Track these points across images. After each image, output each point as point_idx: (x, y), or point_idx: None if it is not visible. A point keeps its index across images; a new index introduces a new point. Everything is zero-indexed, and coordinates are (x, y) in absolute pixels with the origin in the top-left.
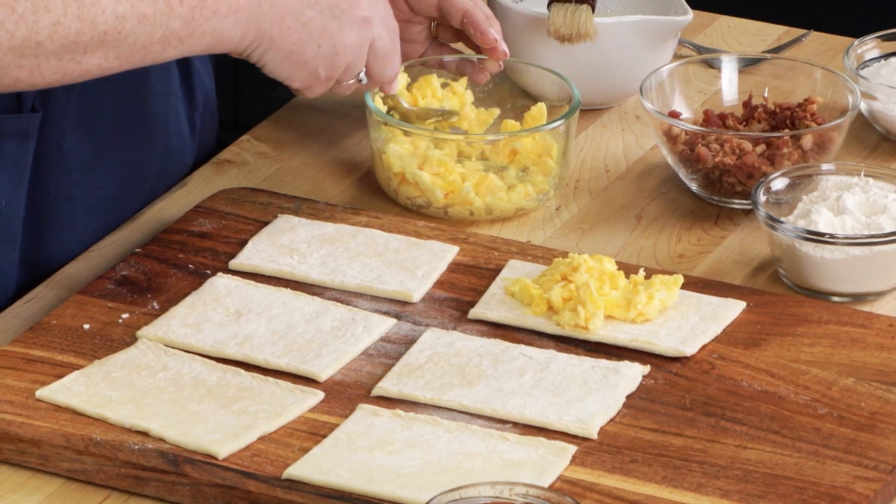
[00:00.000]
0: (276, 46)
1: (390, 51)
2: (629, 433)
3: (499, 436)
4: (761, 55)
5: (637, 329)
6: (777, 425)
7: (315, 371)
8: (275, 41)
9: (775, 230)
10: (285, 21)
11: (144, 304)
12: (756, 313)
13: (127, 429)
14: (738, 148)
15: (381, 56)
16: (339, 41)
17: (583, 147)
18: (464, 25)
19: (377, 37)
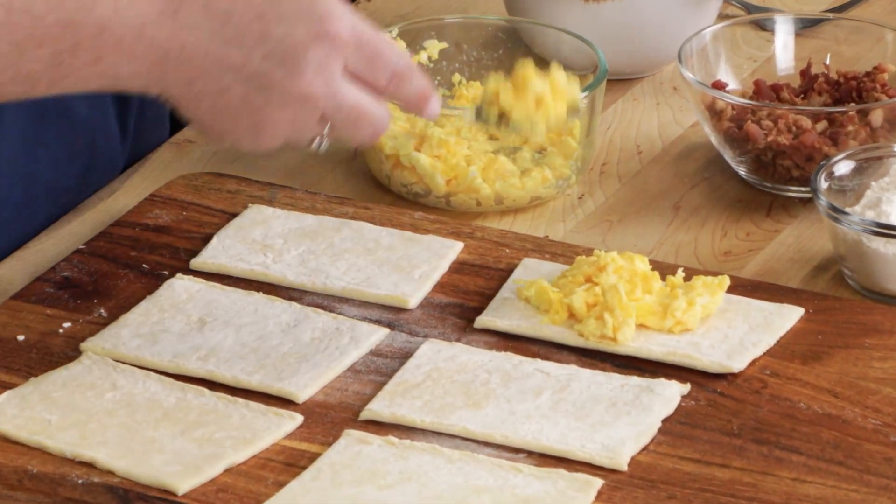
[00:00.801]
0: (185, 108)
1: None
2: (666, 464)
3: (510, 467)
4: (822, 15)
5: (675, 341)
6: (841, 455)
7: (292, 390)
8: (182, 102)
9: (839, 223)
10: (194, 85)
11: (90, 311)
12: (816, 321)
13: (69, 459)
14: (795, 125)
15: (345, 125)
16: (263, 118)
17: (610, 124)
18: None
19: (332, 111)
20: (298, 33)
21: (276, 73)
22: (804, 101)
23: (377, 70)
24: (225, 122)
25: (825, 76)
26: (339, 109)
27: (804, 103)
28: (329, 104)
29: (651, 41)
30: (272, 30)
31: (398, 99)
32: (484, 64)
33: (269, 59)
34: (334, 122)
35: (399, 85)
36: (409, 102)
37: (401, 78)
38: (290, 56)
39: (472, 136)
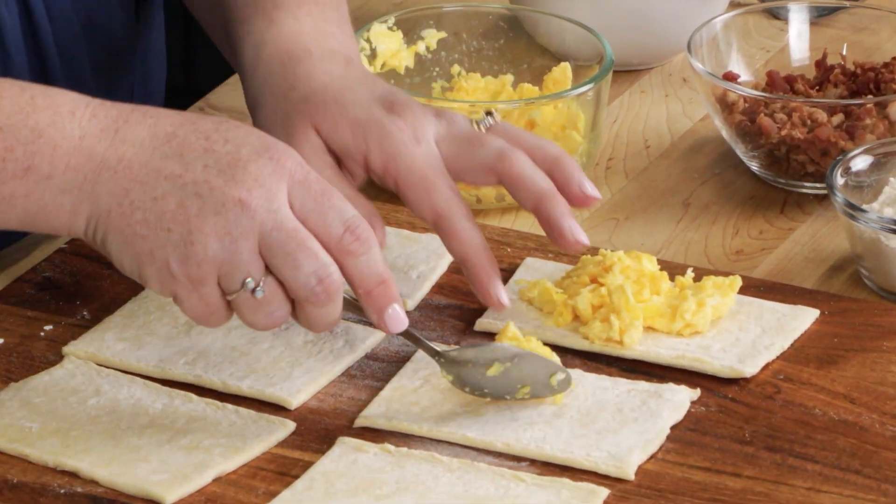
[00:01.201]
0: (115, 226)
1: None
2: (675, 473)
3: (512, 476)
4: (839, 3)
5: (684, 344)
6: (858, 463)
7: (284, 396)
8: (113, 219)
9: (856, 221)
10: (130, 194)
11: (72, 314)
12: (832, 324)
13: (51, 468)
14: (810, 118)
15: (285, 254)
16: (197, 227)
17: (617, 117)
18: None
19: (270, 229)
20: (243, 152)
21: (214, 181)
22: (819, 93)
23: (327, 214)
24: (157, 234)
25: (841, 67)
26: (277, 229)
27: (819, 95)
28: (267, 220)
29: (659, 30)
30: (217, 147)
31: (347, 271)
32: (484, 55)
33: (209, 170)
34: (271, 247)
35: (356, 245)
36: (364, 282)
37: (358, 238)
38: (230, 167)
39: None
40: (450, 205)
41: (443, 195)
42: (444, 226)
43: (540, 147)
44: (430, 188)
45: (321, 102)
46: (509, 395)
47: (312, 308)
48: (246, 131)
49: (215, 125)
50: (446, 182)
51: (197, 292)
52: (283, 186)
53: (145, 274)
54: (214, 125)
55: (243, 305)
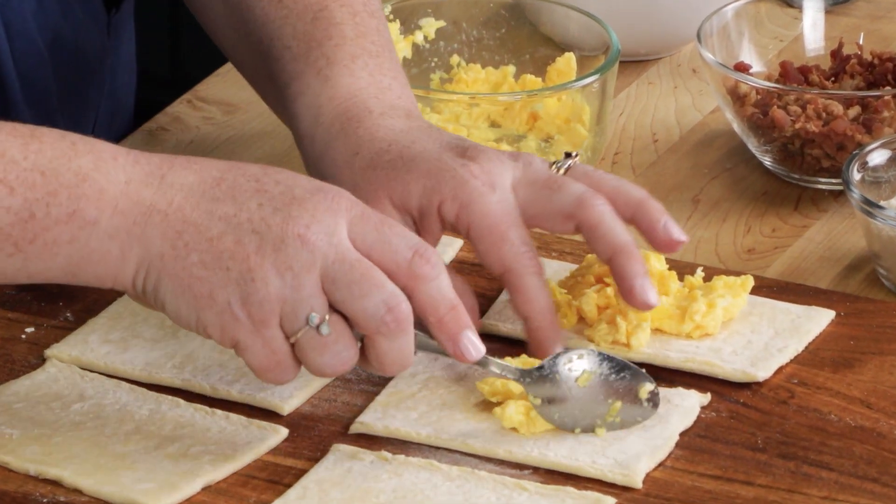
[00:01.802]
0: (170, 270)
1: (368, 276)
2: (684, 481)
3: (514, 484)
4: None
5: (694, 346)
6: (875, 471)
7: (276, 401)
8: (167, 262)
9: (873, 218)
10: (183, 235)
11: (55, 315)
12: (849, 325)
13: (32, 476)
14: (825, 111)
15: (345, 287)
16: (256, 264)
17: (623, 110)
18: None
19: (334, 264)
20: (297, 191)
21: (271, 219)
22: (835, 84)
23: (392, 240)
24: (215, 274)
25: (858, 57)
26: (341, 262)
27: (835, 87)
28: (329, 253)
29: (668, 19)
30: (269, 187)
31: (418, 298)
32: (485, 44)
33: (264, 208)
34: (336, 280)
35: (427, 269)
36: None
37: (428, 262)
38: (286, 205)
39: (471, 123)
40: (519, 259)
41: (513, 248)
42: (511, 280)
43: (623, 191)
44: (500, 240)
45: (388, 164)
46: (600, 420)
47: (383, 341)
48: (295, 174)
49: (263, 169)
50: (518, 234)
51: (260, 336)
52: (342, 221)
53: (205, 319)
54: (262, 169)
55: (308, 346)
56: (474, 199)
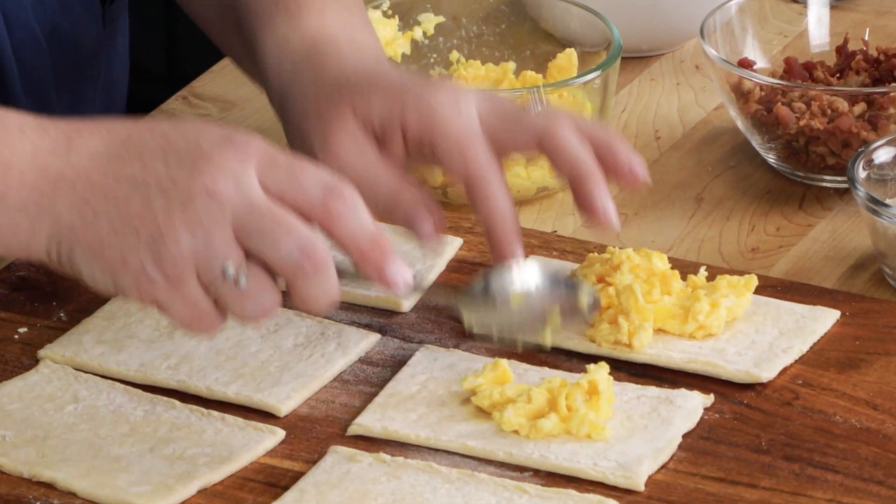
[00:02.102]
0: (81, 239)
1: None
2: (687, 484)
3: (515, 487)
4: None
5: (697, 347)
6: (881, 473)
7: (273, 403)
8: (77, 232)
9: (879, 216)
10: (91, 203)
11: (48, 315)
12: (854, 325)
13: (26, 479)
14: (830, 108)
15: (258, 236)
16: (165, 223)
17: (625, 106)
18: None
19: (244, 214)
20: (204, 142)
21: (178, 175)
22: (840, 80)
23: (304, 182)
24: (126, 238)
25: (864, 53)
26: (251, 211)
27: (840, 83)
28: (239, 204)
29: (671, 14)
30: (175, 143)
31: (337, 236)
32: (485, 40)
33: (171, 165)
34: (248, 230)
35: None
36: (358, 245)
37: (340, 197)
38: (193, 159)
39: None
40: (485, 167)
41: (479, 156)
42: (473, 186)
43: (590, 125)
44: (465, 149)
45: (354, 83)
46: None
47: (304, 284)
48: (203, 126)
49: (172, 125)
50: (483, 146)
51: (179, 293)
52: (251, 170)
53: (121, 283)
54: (171, 125)
55: (228, 298)
56: (439, 115)
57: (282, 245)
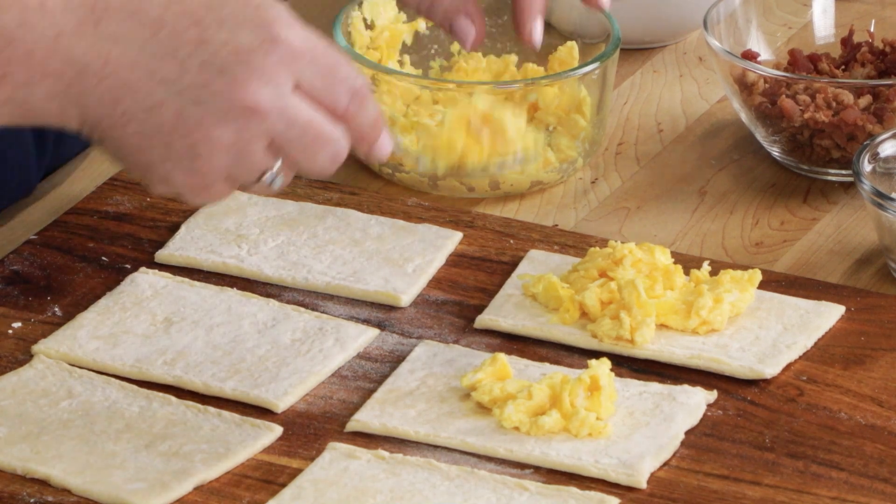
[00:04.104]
0: (110, 135)
1: (316, 136)
2: (690, 481)
3: (515, 484)
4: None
5: (700, 343)
6: (887, 471)
7: (271, 399)
8: (105, 129)
9: (885, 210)
10: (120, 104)
11: (42, 310)
12: (859, 321)
13: (19, 475)
14: (835, 100)
15: (299, 148)
16: (200, 138)
17: (627, 99)
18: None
19: (282, 129)
20: (242, 38)
21: (216, 84)
22: (845, 73)
23: (335, 88)
24: (155, 147)
25: (869, 45)
26: (290, 127)
27: (845, 76)
28: (278, 121)
29: (673, 5)
30: (211, 35)
31: (353, 126)
32: (487, 31)
33: (208, 69)
34: (286, 145)
35: (359, 108)
36: (362, 132)
37: (361, 100)
38: (231, 63)
39: None
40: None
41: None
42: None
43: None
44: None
45: None
46: None
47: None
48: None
49: (206, 4)
50: None
51: (204, 192)
52: (291, 75)
53: (147, 179)
54: (205, 4)
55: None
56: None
57: (320, 157)
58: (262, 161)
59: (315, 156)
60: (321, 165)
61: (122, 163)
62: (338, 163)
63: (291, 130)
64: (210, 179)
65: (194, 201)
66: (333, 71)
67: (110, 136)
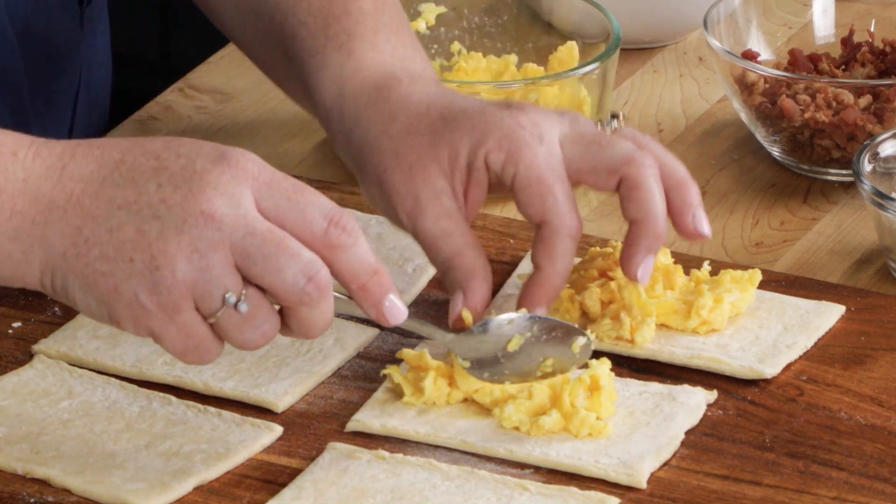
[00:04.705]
0: (74, 268)
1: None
2: (690, 481)
3: (515, 484)
4: None
5: (700, 343)
6: (887, 471)
7: (270, 399)
8: (69, 261)
9: (885, 210)
10: (83, 231)
11: (42, 309)
12: (859, 321)
13: (20, 475)
14: (835, 100)
15: (260, 263)
16: (159, 250)
17: (627, 99)
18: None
19: (243, 237)
20: (198, 164)
21: (172, 198)
22: (846, 73)
23: (304, 211)
24: (119, 266)
25: (869, 45)
26: (249, 235)
27: (846, 76)
28: (236, 230)
29: (673, 5)
30: (169, 164)
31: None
32: (487, 31)
33: (164, 188)
34: (247, 257)
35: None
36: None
37: (342, 230)
38: (186, 180)
39: None
40: (561, 216)
41: (556, 203)
42: (545, 233)
43: (666, 163)
44: (545, 192)
45: (430, 127)
46: (531, 375)
47: (306, 311)
48: (198, 144)
49: (165, 143)
50: (563, 189)
51: (174, 323)
52: (248, 191)
53: (116, 314)
54: (164, 143)
55: (228, 324)
56: (521, 148)
57: (287, 272)
58: (224, 275)
59: (283, 268)
60: (292, 283)
61: (88, 302)
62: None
63: (252, 237)
64: (174, 296)
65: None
66: (300, 192)
67: (74, 268)
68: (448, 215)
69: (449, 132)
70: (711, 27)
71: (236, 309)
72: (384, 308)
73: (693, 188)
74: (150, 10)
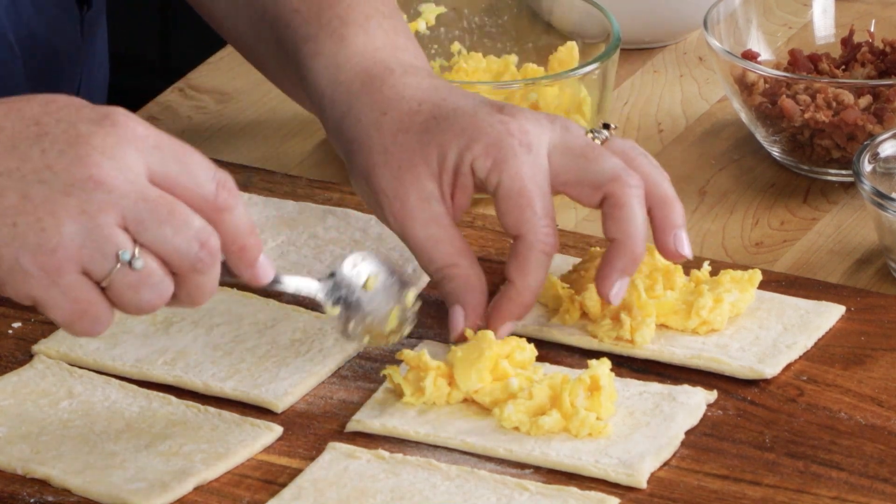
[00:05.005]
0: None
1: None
2: (690, 481)
3: (515, 484)
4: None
5: (700, 343)
6: (887, 471)
7: (270, 399)
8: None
9: (885, 210)
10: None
11: None
12: (859, 321)
13: (20, 476)
14: (835, 100)
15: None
16: (45, 213)
17: (627, 99)
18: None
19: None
20: (81, 127)
21: (58, 164)
22: (846, 73)
23: (196, 174)
24: (2, 230)
25: (869, 45)
26: (144, 198)
27: (846, 76)
28: (126, 195)
29: (674, 5)
30: (50, 129)
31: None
32: (487, 31)
33: (49, 153)
34: (142, 221)
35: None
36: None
37: (230, 193)
38: (71, 146)
39: None
40: (537, 231)
41: (534, 217)
42: (519, 247)
43: (653, 180)
44: (525, 205)
45: (421, 127)
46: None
47: (197, 276)
48: (76, 104)
49: (43, 106)
50: (543, 205)
51: (57, 286)
52: (136, 154)
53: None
54: (42, 107)
55: (122, 285)
56: (508, 157)
57: (180, 237)
58: (115, 235)
59: (175, 237)
60: (185, 249)
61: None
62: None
63: (144, 203)
64: (58, 258)
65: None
66: (189, 155)
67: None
68: (437, 221)
69: (439, 133)
70: (711, 27)
71: (131, 266)
72: (258, 266)
73: (677, 207)
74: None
